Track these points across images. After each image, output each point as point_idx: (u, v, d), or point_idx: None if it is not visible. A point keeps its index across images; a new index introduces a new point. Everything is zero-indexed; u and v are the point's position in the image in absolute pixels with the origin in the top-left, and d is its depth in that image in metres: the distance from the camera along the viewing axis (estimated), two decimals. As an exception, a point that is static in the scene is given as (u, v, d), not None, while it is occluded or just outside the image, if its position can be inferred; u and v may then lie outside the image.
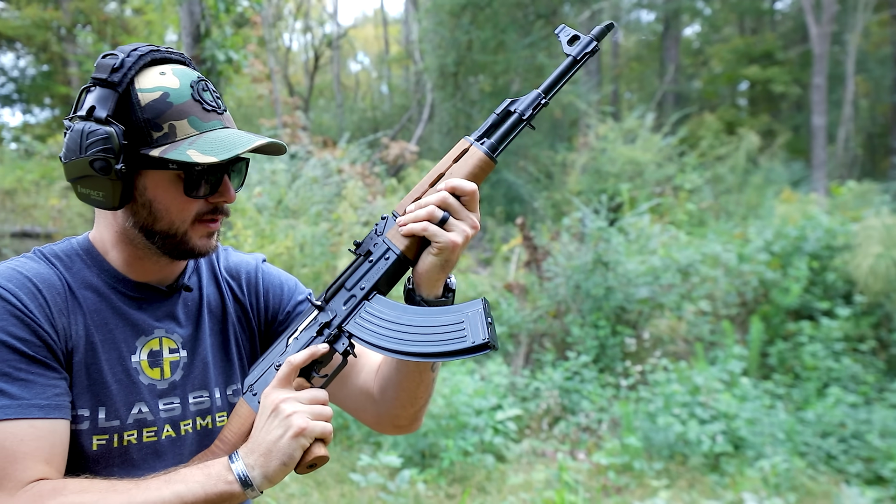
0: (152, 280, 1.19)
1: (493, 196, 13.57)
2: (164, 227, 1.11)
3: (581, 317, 6.52)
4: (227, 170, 1.13)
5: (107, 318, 1.13)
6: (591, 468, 4.30)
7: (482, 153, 1.11)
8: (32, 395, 1.01)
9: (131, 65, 1.07)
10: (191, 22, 6.56)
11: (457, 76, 14.70)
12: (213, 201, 1.13)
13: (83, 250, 1.17)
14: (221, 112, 1.13)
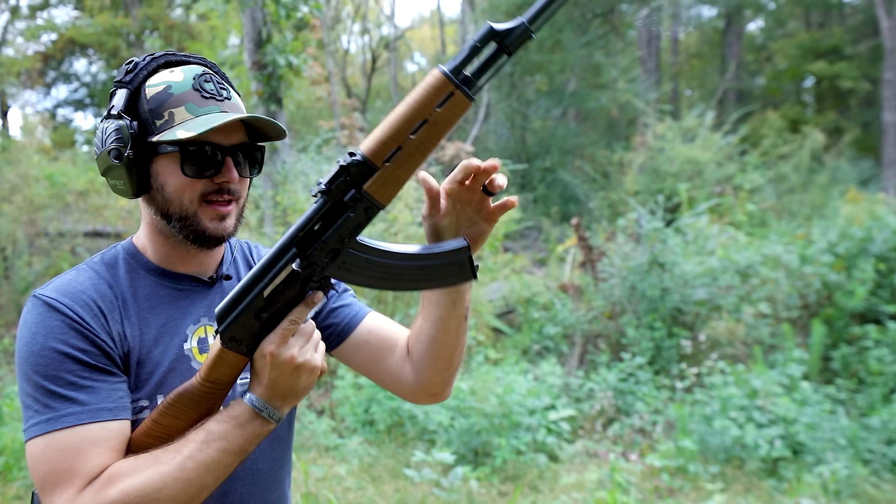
0: (192, 271, 1.27)
1: (548, 196, 13.53)
2: (176, 210, 1.18)
3: (636, 318, 6.47)
4: (229, 152, 1.18)
5: (158, 311, 1.21)
6: (643, 470, 4.28)
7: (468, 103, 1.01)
8: (100, 400, 1.08)
9: (143, 66, 1.19)
10: (253, 28, 6.76)
11: (513, 76, 14.70)
12: (217, 181, 1.18)
13: (127, 253, 1.26)
14: (221, 99, 1.19)
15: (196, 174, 1.16)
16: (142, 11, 21.47)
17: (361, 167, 1.01)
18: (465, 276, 1.12)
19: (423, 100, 0.98)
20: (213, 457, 1.04)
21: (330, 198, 1.03)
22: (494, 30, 0.97)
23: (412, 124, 0.99)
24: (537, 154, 14.47)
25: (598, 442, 5.00)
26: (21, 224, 8.84)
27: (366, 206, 1.03)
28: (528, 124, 15.00)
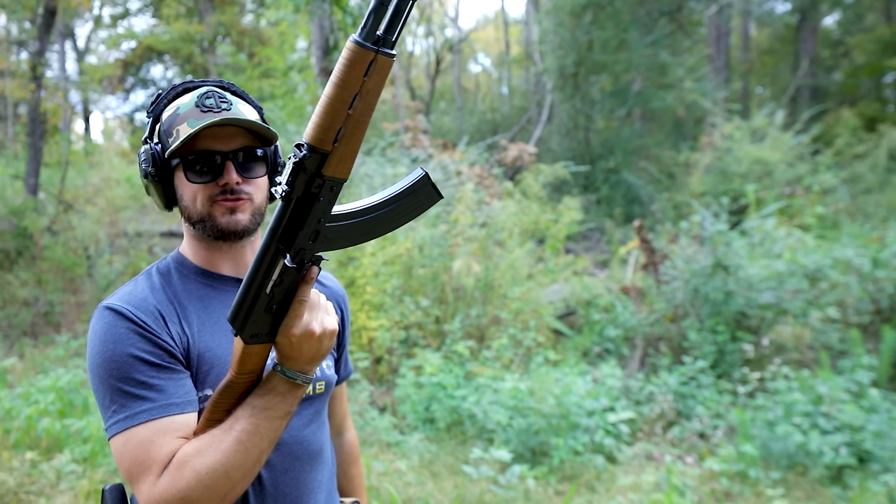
0: (234, 273, 1.41)
1: (612, 197, 13.43)
2: (194, 214, 1.33)
3: (699, 321, 6.41)
4: (228, 156, 1.31)
5: (210, 310, 1.34)
6: (702, 473, 4.27)
7: (391, 60, 1.01)
8: (168, 397, 1.21)
9: (164, 96, 1.37)
10: (321, 35, 6.97)
11: (576, 76, 14.63)
12: (220, 184, 1.30)
13: (176, 261, 1.40)
14: (219, 111, 1.30)
15: (197, 179, 1.30)
16: (215, 18, 22.14)
17: (313, 156, 1.05)
18: (433, 199, 1.19)
19: (348, 76, 0.99)
20: (263, 425, 1.17)
21: (294, 193, 1.08)
22: None
23: (347, 102, 1.01)
24: (601, 155, 14.37)
25: (657, 445, 4.99)
26: (103, 225, 9.32)
27: (330, 186, 1.08)
28: (591, 125, 14.90)
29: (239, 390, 1.21)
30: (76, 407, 4.33)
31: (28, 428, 3.99)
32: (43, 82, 11.42)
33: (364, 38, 0.97)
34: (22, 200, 10.69)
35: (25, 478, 3.66)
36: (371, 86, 1.00)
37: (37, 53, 11.70)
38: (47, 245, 8.92)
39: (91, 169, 11.16)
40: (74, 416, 4.21)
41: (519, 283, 7.35)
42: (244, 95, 1.42)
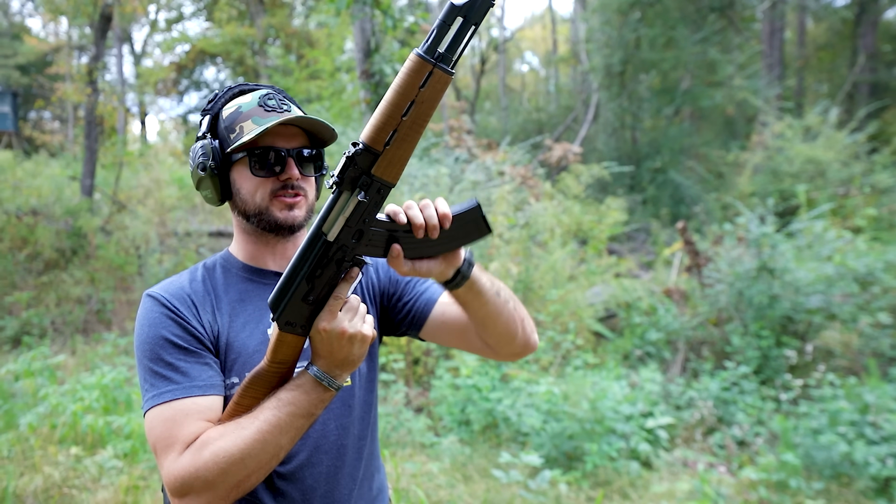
0: (277, 267, 1.46)
1: (658, 197, 13.23)
2: (252, 208, 1.39)
3: (743, 326, 6.27)
4: (290, 153, 1.37)
5: (246, 303, 1.41)
6: (739, 482, 4.17)
7: (448, 77, 1.09)
8: (192, 379, 1.28)
9: (221, 95, 1.44)
10: (362, 38, 7.03)
11: (623, 75, 14.45)
12: (282, 179, 1.36)
13: (223, 258, 1.49)
14: (282, 112, 1.39)
15: (263, 173, 1.36)
16: (265, 21, 22.51)
17: (365, 154, 1.10)
18: (482, 231, 1.24)
19: (406, 83, 1.07)
20: (285, 420, 1.20)
21: (343, 187, 1.13)
22: (455, 5, 1.04)
23: (402, 108, 1.08)
24: (648, 154, 14.16)
25: (697, 452, 4.90)
26: (153, 224, 9.57)
27: (378, 187, 1.13)
28: (638, 124, 14.70)
29: (269, 380, 1.26)
30: (120, 404, 4.47)
31: (74, 424, 4.14)
32: (99, 86, 11.79)
33: (425, 52, 1.05)
34: (78, 201, 11.06)
35: (70, 472, 3.79)
36: (425, 96, 1.08)
37: (93, 58, 12.09)
38: (100, 244, 9.21)
39: (144, 170, 11.46)
40: (118, 413, 4.34)
41: (559, 285, 7.29)
42: (293, 101, 1.49)
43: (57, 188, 12.59)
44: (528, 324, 1.48)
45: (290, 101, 1.48)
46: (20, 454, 3.88)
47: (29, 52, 25.71)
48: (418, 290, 1.56)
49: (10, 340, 7.21)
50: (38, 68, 25.24)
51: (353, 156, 1.11)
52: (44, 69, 23.76)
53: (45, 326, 7.47)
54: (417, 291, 1.56)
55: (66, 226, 9.82)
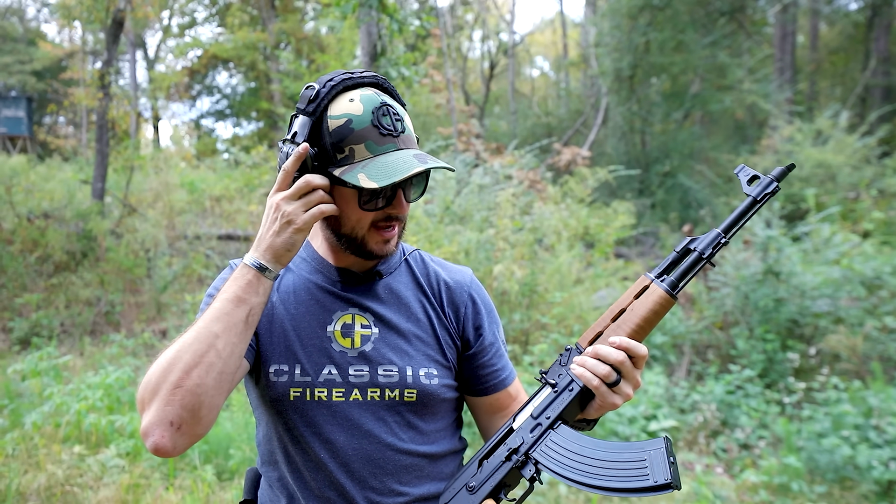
0: (351, 266, 1.41)
1: (667, 201, 13.18)
2: (347, 232, 1.33)
3: (748, 329, 6.25)
4: (401, 184, 1.29)
5: (311, 294, 1.39)
6: (739, 485, 4.16)
7: (662, 291, 1.20)
8: None
9: (324, 95, 1.27)
10: (368, 42, 7.07)
11: (632, 79, 14.43)
12: (388, 212, 1.30)
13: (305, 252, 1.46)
14: (397, 135, 1.27)
15: (369, 207, 1.29)
16: (277, 26, 22.66)
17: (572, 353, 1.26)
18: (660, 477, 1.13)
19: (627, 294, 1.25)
20: (216, 307, 1.20)
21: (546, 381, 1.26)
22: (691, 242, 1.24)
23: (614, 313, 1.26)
24: (657, 158, 14.13)
25: (700, 455, 4.89)
26: (162, 227, 9.64)
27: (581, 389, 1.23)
28: (648, 128, 14.67)
29: None
30: (123, 403, 4.51)
31: (77, 423, 4.18)
32: (110, 90, 11.90)
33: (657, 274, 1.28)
34: (89, 204, 11.16)
35: (73, 470, 3.83)
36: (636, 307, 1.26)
37: (105, 62, 12.20)
38: (110, 247, 9.28)
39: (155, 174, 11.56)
40: (121, 413, 4.38)
41: (565, 288, 7.29)
42: (397, 97, 1.36)
43: (69, 192, 12.71)
44: None
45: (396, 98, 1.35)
46: (24, 452, 3.93)
47: (44, 58, 26.01)
48: (496, 363, 1.48)
49: (20, 342, 7.29)
50: (53, 74, 25.52)
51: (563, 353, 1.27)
52: (58, 74, 24.00)
53: (54, 328, 7.54)
54: (495, 364, 1.47)
55: (77, 229, 9.91)
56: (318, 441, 1.31)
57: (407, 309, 1.42)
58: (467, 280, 1.49)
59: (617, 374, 1.18)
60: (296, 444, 1.33)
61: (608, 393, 1.19)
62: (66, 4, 18.42)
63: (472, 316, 1.46)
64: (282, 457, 1.35)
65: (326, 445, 1.31)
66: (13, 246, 9.03)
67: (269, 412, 1.35)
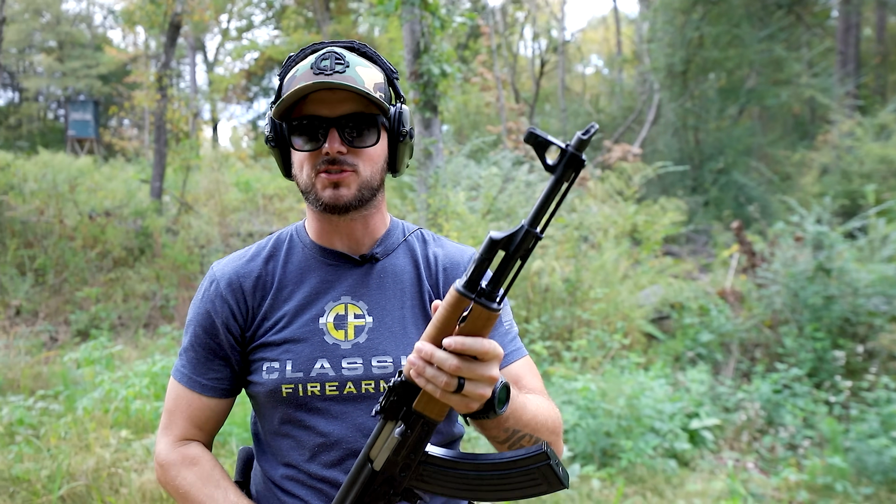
0: (344, 248, 1.35)
1: (721, 199, 12.91)
2: (301, 184, 1.29)
3: (797, 328, 6.09)
4: (333, 123, 1.23)
5: (304, 283, 1.33)
6: (777, 483, 4.06)
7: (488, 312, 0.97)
8: (198, 374, 1.34)
9: (292, 59, 1.31)
10: (412, 39, 7.14)
11: (685, 74, 14.17)
12: (323, 152, 1.23)
13: (295, 229, 1.42)
14: (331, 73, 1.22)
15: (301, 146, 1.25)
16: (331, 28, 22.99)
17: (405, 387, 1.03)
18: (553, 485, 1.10)
19: (444, 318, 0.98)
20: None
21: (386, 416, 1.06)
22: (493, 240, 0.95)
23: (439, 343, 0.98)
24: (711, 155, 13.85)
25: (743, 453, 4.79)
26: (215, 224, 9.92)
27: (422, 421, 1.04)
28: (701, 124, 14.39)
29: None
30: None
31: (126, 409, 4.34)
32: (168, 92, 12.29)
33: (465, 286, 0.96)
34: (147, 203, 11.56)
35: (120, 454, 3.98)
36: (464, 331, 0.97)
37: (163, 65, 12.61)
38: (166, 244, 9.59)
39: (213, 173, 11.89)
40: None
41: (610, 285, 7.22)
42: (373, 56, 1.33)
43: (129, 191, 13.18)
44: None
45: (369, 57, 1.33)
46: (76, 436, 4.10)
47: (109, 63, 27.00)
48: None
49: (80, 333, 7.59)
50: (118, 77, 26.43)
51: (393, 386, 1.04)
52: (123, 78, 24.86)
53: (112, 321, 7.83)
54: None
55: (135, 226, 10.28)
56: (313, 435, 1.28)
57: (403, 293, 1.36)
58: (465, 260, 1.43)
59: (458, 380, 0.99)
60: (290, 438, 1.31)
61: (459, 402, 1.01)
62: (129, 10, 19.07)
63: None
64: (278, 449, 1.33)
65: (321, 439, 1.28)
66: (75, 242, 9.41)
67: (264, 406, 1.34)
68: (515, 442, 1.20)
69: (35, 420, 4.34)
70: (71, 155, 20.99)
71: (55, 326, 7.76)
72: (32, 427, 4.27)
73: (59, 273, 8.90)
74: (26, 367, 5.66)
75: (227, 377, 1.34)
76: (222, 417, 1.38)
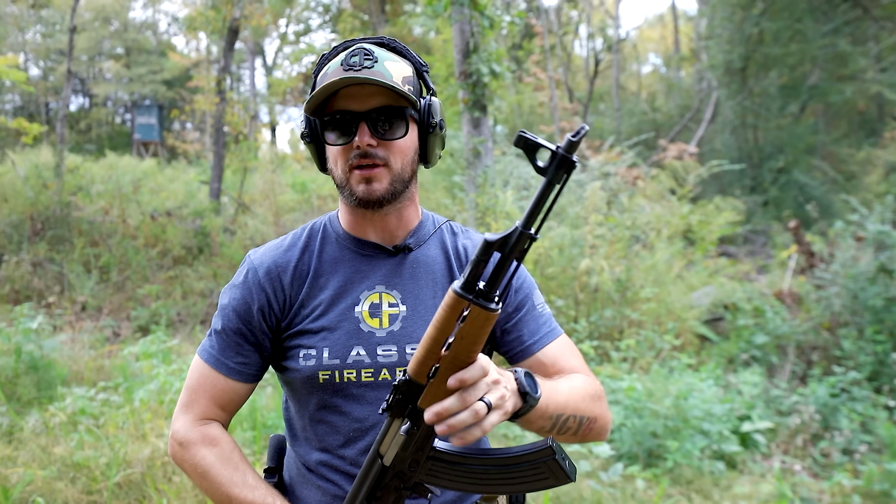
0: (377, 239, 1.38)
1: (781, 199, 12.58)
2: (336, 179, 1.33)
3: (857, 330, 5.90)
4: (363, 117, 1.27)
5: (338, 273, 1.37)
6: (830, 488, 3.95)
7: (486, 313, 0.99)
8: (226, 357, 1.37)
9: (327, 56, 1.35)
10: (461, 40, 7.18)
11: (744, 71, 13.84)
12: (354, 146, 1.27)
13: (329, 220, 1.44)
14: (360, 69, 1.25)
15: (333, 141, 1.29)
16: (387, 30, 23.21)
17: (409, 385, 1.06)
18: (560, 479, 1.12)
19: (444, 319, 1.01)
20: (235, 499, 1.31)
21: (392, 414, 1.10)
22: (488, 241, 0.97)
23: (440, 343, 1.02)
24: (770, 154, 13.49)
25: (797, 458, 4.67)
26: (270, 224, 10.15)
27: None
28: (761, 122, 14.02)
29: None
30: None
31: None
32: (226, 96, 12.62)
33: (462, 288, 0.98)
34: (206, 203, 11.91)
35: (174, 444, 4.12)
36: (464, 332, 1.00)
37: (221, 69, 12.95)
38: (223, 243, 9.87)
39: (269, 174, 12.17)
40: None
41: (661, 286, 7.11)
42: (402, 50, 1.36)
43: (189, 192, 13.58)
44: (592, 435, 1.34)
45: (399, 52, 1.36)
46: (133, 426, 4.26)
47: (173, 68, 27.84)
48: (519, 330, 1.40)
49: (141, 329, 7.86)
50: (181, 82, 27.25)
51: (398, 384, 1.07)
52: (185, 83, 25.59)
53: (170, 317, 8.09)
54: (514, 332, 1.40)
55: (194, 226, 10.60)
56: (348, 420, 1.33)
57: (435, 283, 1.39)
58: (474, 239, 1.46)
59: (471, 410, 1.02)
60: (325, 423, 1.35)
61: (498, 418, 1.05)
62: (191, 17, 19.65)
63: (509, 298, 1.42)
64: (313, 435, 1.37)
65: (356, 425, 1.32)
66: (137, 241, 9.76)
67: (299, 392, 1.38)
68: (562, 427, 1.24)
69: (96, 410, 4.51)
70: (136, 158, 21.76)
71: (118, 322, 8.06)
72: (93, 417, 4.44)
73: (122, 271, 9.24)
74: (90, 360, 5.89)
75: (254, 363, 1.38)
76: (243, 401, 1.42)
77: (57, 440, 4.09)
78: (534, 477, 1.12)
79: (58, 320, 7.29)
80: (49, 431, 4.23)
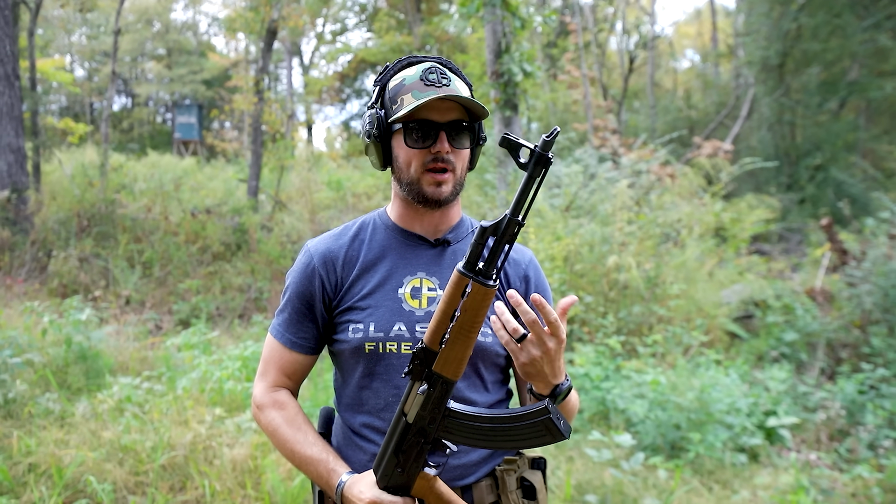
0: (422, 231, 1.58)
1: (818, 196, 12.44)
2: (406, 177, 1.50)
3: (888, 328, 5.88)
4: (443, 127, 1.45)
5: (386, 259, 1.57)
6: (851, 480, 3.99)
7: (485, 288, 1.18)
8: (290, 332, 1.59)
9: (391, 67, 1.54)
10: (493, 40, 7.29)
11: (781, 68, 13.69)
12: (433, 152, 1.45)
13: (378, 214, 1.65)
14: (440, 86, 1.45)
15: (414, 145, 1.46)
16: (422, 29, 23.36)
17: (425, 352, 1.25)
18: (555, 436, 1.28)
19: (450, 294, 1.21)
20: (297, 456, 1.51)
21: (413, 377, 1.28)
22: (483, 227, 1.17)
23: (449, 315, 1.21)
24: (808, 151, 13.33)
25: (823, 452, 4.71)
26: (306, 221, 10.38)
27: (441, 381, 1.26)
28: (798, 119, 13.86)
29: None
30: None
31: (220, 389, 4.71)
32: (264, 95, 12.90)
33: (465, 267, 1.19)
34: (244, 201, 12.20)
35: (214, 429, 4.32)
36: (467, 305, 1.20)
37: (260, 69, 13.24)
38: (260, 239, 10.12)
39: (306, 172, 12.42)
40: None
41: (691, 283, 7.15)
42: (459, 72, 1.56)
43: (228, 189, 13.91)
44: None
45: (457, 73, 1.55)
46: (176, 412, 4.47)
47: (213, 68, 28.37)
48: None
49: (182, 322, 8.14)
50: (220, 82, 27.74)
51: (416, 351, 1.26)
52: (224, 83, 26.07)
53: (210, 311, 8.35)
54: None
55: (233, 223, 10.89)
56: (389, 387, 1.51)
57: None
58: (525, 259, 1.66)
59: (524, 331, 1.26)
60: (369, 389, 1.54)
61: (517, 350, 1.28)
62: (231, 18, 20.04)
63: (522, 293, 1.62)
64: (357, 400, 1.58)
65: (395, 391, 1.50)
66: (178, 237, 10.07)
67: (348, 362, 1.59)
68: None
69: (141, 398, 4.74)
70: (177, 156, 22.27)
71: (160, 315, 8.34)
72: (139, 404, 4.67)
73: (163, 266, 9.55)
74: (134, 351, 6.15)
75: (313, 337, 1.60)
76: (307, 371, 1.64)
77: (105, 425, 4.31)
78: (533, 434, 1.28)
79: (104, 313, 7.58)
80: (98, 417, 4.45)
